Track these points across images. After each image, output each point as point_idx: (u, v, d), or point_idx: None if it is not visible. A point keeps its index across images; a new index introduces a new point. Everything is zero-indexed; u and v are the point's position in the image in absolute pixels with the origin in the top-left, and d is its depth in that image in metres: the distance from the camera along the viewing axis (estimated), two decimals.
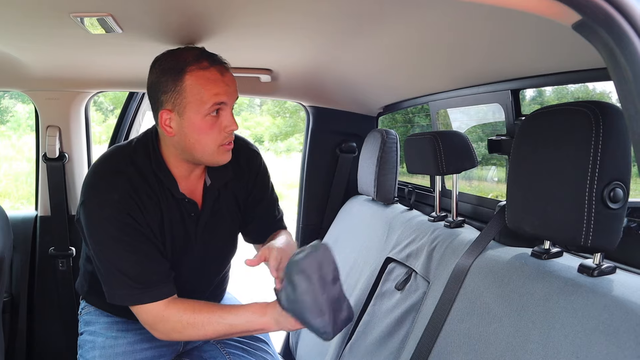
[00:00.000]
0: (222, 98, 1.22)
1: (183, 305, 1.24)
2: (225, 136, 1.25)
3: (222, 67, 1.23)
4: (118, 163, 1.29)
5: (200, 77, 1.20)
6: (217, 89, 1.21)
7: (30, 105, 2.32)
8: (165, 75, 1.22)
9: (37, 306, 2.18)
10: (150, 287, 1.23)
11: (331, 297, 1.14)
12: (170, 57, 1.23)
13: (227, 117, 1.25)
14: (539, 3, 0.57)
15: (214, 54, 1.25)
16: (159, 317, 1.24)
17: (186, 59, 1.21)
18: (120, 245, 1.23)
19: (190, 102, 1.21)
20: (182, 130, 1.23)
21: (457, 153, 1.36)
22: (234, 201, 1.42)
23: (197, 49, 1.25)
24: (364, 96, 2.07)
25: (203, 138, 1.23)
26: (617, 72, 0.55)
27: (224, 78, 1.23)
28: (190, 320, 1.22)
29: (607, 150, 0.78)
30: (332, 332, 1.13)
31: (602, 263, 0.87)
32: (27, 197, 8.64)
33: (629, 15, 0.52)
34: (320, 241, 1.17)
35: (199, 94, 1.20)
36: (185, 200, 1.31)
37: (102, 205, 1.24)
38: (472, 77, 1.42)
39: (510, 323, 0.94)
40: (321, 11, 1.11)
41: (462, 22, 1.04)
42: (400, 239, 1.58)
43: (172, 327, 1.24)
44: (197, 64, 1.20)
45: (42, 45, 1.45)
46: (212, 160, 1.27)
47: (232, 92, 1.24)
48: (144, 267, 1.23)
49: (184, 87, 1.20)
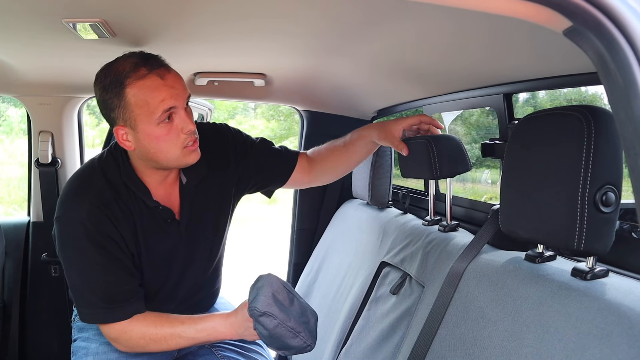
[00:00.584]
0: (170, 103, 1.17)
1: (146, 320, 1.26)
2: (185, 138, 1.21)
3: (161, 70, 1.18)
4: (89, 177, 1.29)
5: (141, 88, 1.16)
6: (161, 95, 1.16)
7: (22, 108, 2.31)
8: (107, 93, 1.18)
9: (29, 313, 2.16)
10: (113, 306, 1.24)
11: (296, 316, 1.20)
12: (108, 71, 1.19)
13: (181, 119, 1.20)
14: (530, 9, 0.58)
15: (151, 55, 1.20)
16: (121, 333, 1.26)
17: (123, 71, 1.16)
18: (87, 264, 1.23)
19: (139, 114, 1.18)
20: (140, 142, 1.21)
21: (451, 157, 1.37)
22: (217, 190, 1.41)
23: (134, 56, 1.19)
24: (357, 100, 2.07)
25: (163, 146, 1.20)
26: (607, 78, 0.55)
27: (165, 82, 1.17)
28: (153, 336, 1.25)
29: (599, 154, 0.79)
30: (312, 342, 1.23)
31: (595, 266, 0.87)
32: (20, 202, 8.59)
33: (619, 22, 0.53)
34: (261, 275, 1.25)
35: (144, 105, 1.17)
36: (159, 207, 1.30)
37: (70, 223, 1.24)
38: (465, 82, 1.42)
39: (505, 327, 0.94)
40: (314, 16, 1.11)
41: (455, 26, 1.05)
42: (395, 243, 1.58)
43: (136, 342, 1.27)
44: (134, 74, 1.16)
45: (34, 50, 1.45)
46: (180, 164, 1.25)
47: (179, 92, 1.19)
48: (109, 287, 1.24)
49: (128, 101, 1.17)
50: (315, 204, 2.37)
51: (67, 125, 2.14)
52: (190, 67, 1.70)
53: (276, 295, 1.20)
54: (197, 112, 2.68)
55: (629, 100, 0.53)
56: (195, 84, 1.82)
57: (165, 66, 1.20)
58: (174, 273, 1.37)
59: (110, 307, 1.24)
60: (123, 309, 1.25)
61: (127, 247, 1.27)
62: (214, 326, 1.26)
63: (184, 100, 1.21)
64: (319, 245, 2.22)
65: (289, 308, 1.21)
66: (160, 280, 1.36)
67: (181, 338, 1.25)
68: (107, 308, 1.24)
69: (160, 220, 1.31)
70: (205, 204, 1.38)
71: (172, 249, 1.34)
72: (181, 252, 1.36)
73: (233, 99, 2.16)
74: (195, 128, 1.24)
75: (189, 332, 1.25)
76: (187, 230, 1.35)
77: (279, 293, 1.21)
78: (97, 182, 1.26)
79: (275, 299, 1.19)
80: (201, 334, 1.26)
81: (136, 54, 1.19)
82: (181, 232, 1.34)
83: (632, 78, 0.52)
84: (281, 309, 1.18)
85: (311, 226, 2.39)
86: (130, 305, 1.26)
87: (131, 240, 1.27)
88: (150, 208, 1.29)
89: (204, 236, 1.40)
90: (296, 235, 2.41)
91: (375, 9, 1.03)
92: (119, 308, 1.25)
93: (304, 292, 2.11)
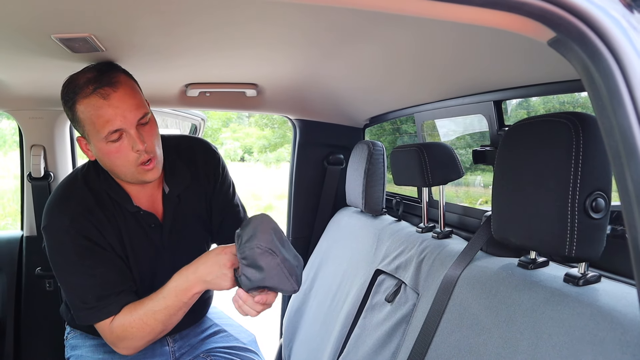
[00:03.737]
0: (114, 125, 1.16)
1: (122, 312, 1.25)
2: (137, 156, 1.20)
3: (107, 88, 1.16)
4: (72, 186, 1.31)
5: (87, 106, 1.16)
6: (105, 116, 1.15)
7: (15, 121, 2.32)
8: (65, 105, 1.21)
9: (24, 328, 2.15)
10: (105, 303, 1.24)
11: (291, 258, 1.15)
12: (67, 84, 1.20)
13: (130, 139, 1.19)
14: (514, 21, 0.58)
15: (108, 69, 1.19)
16: (108, 332, 1.26)
17: (76, 87, 1.17)
18: (75, 268, 1.25)
19: (89, 130, 1.19)
20: (97, 155, 1.23)
21: (443, 164, 1.37)
22: (198, 204, 1.42)
23: (91, 70, 1.19)
24: (350, 108, 2.08)
25: (116, 161, 1.21)
26: (592, 87, 0.56)
27: (109, 102, 1.16)
28: (132, 323, 1.23)
29: (588, 160, 0.79)
30: (298, 286, 1.16)
31: (587, 272, 0.87)
32: (14, 214, 8.54)
33: (601, 32, 0.53)
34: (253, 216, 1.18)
35: (91, 123, 1.17)
36: (140, 212, 1.31)
37: (56, 231, 1.26)
38: (456, 89, 1.43)
39: (499, 334, 0.94)
40: (305, 25, 1.12)
41: (445, 35, 1.05)
42: (389, 251, 1.58)
43: (123, 336, 1.24)
44: (82, 92, 1.16)
45: (24, 65, 1.44)
46: (136, 180, 1.25)
47: (125, 111, 1.17)
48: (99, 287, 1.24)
49: (79, 117, 1.18)
50: (309, 212, 2.37)
51: (59, 138, 2.14)
52: (182, 78, 1.70)
53: (274, 234, 1.14)
54: (189, 123, 2.68)
55: (613, 109, 0.53)
56: (187, 95, 1.82)
57: (113, 84, 1.17)
58: (160, 281, 1.37)
59: (100, 305, 1.24)
60: (113, 304, 1.25)
61: (114, 252, 1.28)
62: (176, 285, 1.20)
63: (132, 120, 1.19)
64: (314, 253, 2.22)
65: (285, 249, 1.16)
66: (147, 286, 1.36)
67: (156, 312, 1.22)
68: (97, 307, 1.24)
69: (145, 225, 1.33)
70: (188, 214, 1.39)
71: (157, 255, 1.35)
72: (165, 259, 1.36)
73: (225, 109, 2.15)
74: (150, 147, 1.21)
75: (159, 303, 1.21)
76: (170, 236, 1.36)
77: (276, 232, 1.15)
78: (79, 191, 1.28)
79: (274, 237, 1.13)
80: (169, 299, 1.20)
81: (95, 68, 1.20)
82: (164, 238, 1.35)
83: (615, 87, 0.53)
84: (280, 248, 1.13)
85: (306, 234, 2.39)
86: (120, 300, 1.25)
87: (118, 245, 1.29)
88: (132, 213, 1.30)
89: (187, 244, 1.40)
90: (291, 243, 2.40)
91: (366, 18, 1.03)
92: (110, 303, 1.25)
93: (300, 301, 2.10)
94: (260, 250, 1.09)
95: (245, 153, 18.00)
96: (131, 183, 1.29)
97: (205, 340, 1.57)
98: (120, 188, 1.30)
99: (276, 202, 12.50)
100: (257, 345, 1.65)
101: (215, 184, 1.46)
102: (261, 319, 1.44)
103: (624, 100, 0.52)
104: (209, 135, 15.90)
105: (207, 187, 1.44)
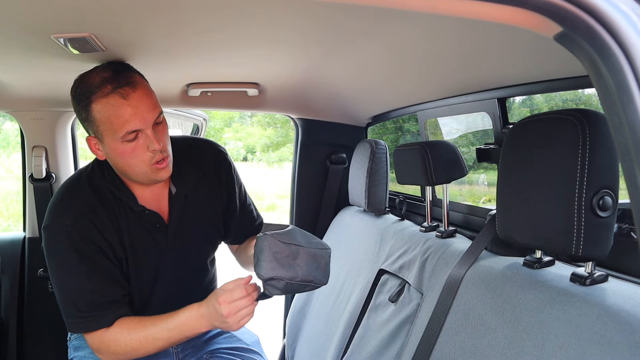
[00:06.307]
0: (133, 125, 1.16)
1: (120, 327, 1.24)
2: (152, 155, 1.20)
3: (126, 88, 1.16)
4: (75, 186, 1.30)
5: (105, 105, 1.15)
6: (124, 116, 1.15)
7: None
8: (78, 104, 1.19)
9: (27, 329, 2.14)
10: (96, 314, 1.23)
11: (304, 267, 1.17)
12: (80, 82, 1.19)
13: (147, 138, 1.19)
14: (519, 15, 0.57)
15: (124, 69, 1.19)
16: (99, 342, 1.25)
17: (91, 86, 1.16)
18: (70, 273, 1.24)
19: (104, 130, 1.18)
20: (109, 155, 1.22)
21: (446, 163, 1.36)
22: (207, 204, 1.41)
23: (106, 70, 1.18)
24: (352, 107, 2.07)
25: (129, 161, 1.20)
26: (600, 83, 0.54)
27: (129, 101, 1.16)
28: (128, 342, 1.23)
29: (595, 158, 0.78)
30: (325, 280, 1.21)
31: (594, 271, 0.86)
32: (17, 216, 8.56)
33: (610, 26, 0.52)
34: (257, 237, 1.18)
35: (108, 123, 1.16)
36: (145, 212, 1.30)
37: (56, 231, 1.25)
38: (459, 87, 1.42)
39: (505, 334, 0.93)
40: (307, 25, 1.11)
41: (448, 32, 1.04)
42: (393, 250, 1.57)
43: (114, 350, 1.24)
44: (99, 91, 1.15)
45: (25, 66, 1.44)
46: (150, 180, 1.25)
47: (143, 112, 1.17)
48: (92, 295, 1.23)
49: (94, 117, 1.17)
50: (312, 212, 2.36)
51: (61, 139, 2.13)
52: (183, 78, 1.69)
53: (277, 255, 1.15)
54: (191, 123, 2.67)
55: (623, 105, 0.52)
56: (188, 95, 1.81)
57: (132, 84, 1.17)
58: (162, 283, 1.36)
59: (92, 315, 1.23)
60: (105, 316, 1.24)
61: (114, 254, 1.27)
62: (185, 322, 1.22)
63: (150, 120, 1.19)
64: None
65: (293, 264, 1.16)
66: (148, 289, 1.35)
67: (156, 340, 1.22)
68: (89, 316, 1.23)
69: (149, 225, 1.31)
70: (195, 215, 1.38)
71: (160, 256, 1.34)
72: (168, 260, 1.35)
73: (227, 109, 2.15)
74: (164, 146, 1.22)
75: (162, 333, 1.22)
76: (175, 238, 1.34)
77: (279, 253, 1.15)
78: (82, 190, 1.27)
79: (277, 259, 1.14)
80: (174, 332, 1.22)
81: (109, 67, 1.19)
82: (169, 239, 1.34)
83: (624, 83, 0.52)
84: (286, 268, 1.14)
85: None
86: (113, 312, 1.25)
87: (118, 246, 1.27)
88: (136, 213, 1.29)
89: (192, 245, 1.39)
90: None
91: (368, 17, 1.02)
92: (102, 315, 1.24)
93: (303, 301, 2.09)
94: (264, 280, 1.14)
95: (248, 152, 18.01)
96: (141, 183, 1.28)
97: (209, 341, 1.57)
98: (126, 187, 1.29)
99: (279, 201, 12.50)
100: (261, 346, 1.64)
101: (232, 189, 1.46)
102: (264, 320, 1.44)
103: (633, 96, 0.50)
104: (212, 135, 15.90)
105: (219, 190, 1.43)
